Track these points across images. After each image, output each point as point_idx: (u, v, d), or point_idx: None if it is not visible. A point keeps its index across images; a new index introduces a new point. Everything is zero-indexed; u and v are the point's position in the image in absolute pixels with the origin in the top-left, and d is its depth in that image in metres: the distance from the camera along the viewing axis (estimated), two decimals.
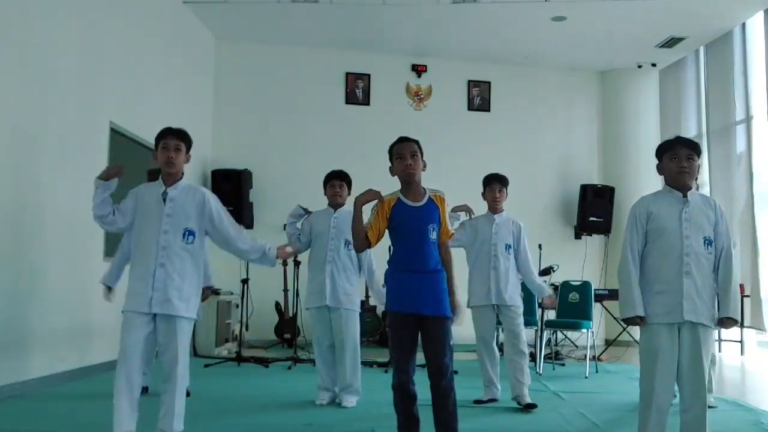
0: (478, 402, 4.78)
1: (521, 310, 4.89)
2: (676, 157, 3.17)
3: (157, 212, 3.36)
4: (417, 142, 3.33)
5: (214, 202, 3.49)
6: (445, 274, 3.29)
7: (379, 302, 5.12)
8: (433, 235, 3.26)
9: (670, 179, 3.22)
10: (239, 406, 4.54)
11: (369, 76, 9.65)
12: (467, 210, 4.83)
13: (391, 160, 3.35)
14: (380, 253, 4.32)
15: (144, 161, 5.88)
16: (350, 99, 9.63)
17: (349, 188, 4.88)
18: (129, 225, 3.45)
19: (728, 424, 4.21)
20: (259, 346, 8.25)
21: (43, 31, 5.19)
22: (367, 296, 8.72)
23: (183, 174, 3.47)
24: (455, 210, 4.72)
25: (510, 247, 4.84)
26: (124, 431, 3.23)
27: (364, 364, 6.68)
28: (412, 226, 3.25)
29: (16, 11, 4.89)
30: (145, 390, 4.16)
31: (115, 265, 4.64)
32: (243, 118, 9.35)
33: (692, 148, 3.19)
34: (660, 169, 3.27)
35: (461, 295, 3.41)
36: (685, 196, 3.17)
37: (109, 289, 4.64)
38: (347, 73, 9.64)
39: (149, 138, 6.91)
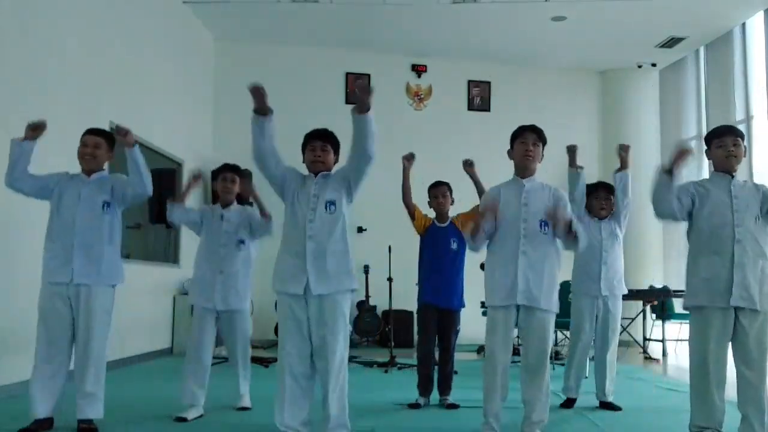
0: None
1: (554, 316, 3.51)
2: (723, 144, 3.34)
3: (75, 196, 3.68)
4: (448, 185, 4.76)
5: (115, 176, 3.85)
6: (461, 275, 4.69)
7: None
8: (454, 246, 4.60)
9: (718, 164, 3.40)
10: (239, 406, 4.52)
11: (369, 76, 9.65)
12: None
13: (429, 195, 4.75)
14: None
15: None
16: (350, 99, 9.61)
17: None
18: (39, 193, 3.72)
19: (728, 424, 4.20)
20: (259, 346, 8.24)
21: (42, 31, 5.19)
22: (367, 296, 8.73)
23: (104, 168, 3.84)
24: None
25: (546, 224, 3.46)
26: None
27: (364, 363, 6.72)
28: (438, 241, 4.63)
29: (15, 11, 4.89)
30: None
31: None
32: (243, 118, 9.07)
33: (737, 134, 3.39)
34: (708, 155, 3.46)
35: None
36: (732, 177, 3.34)
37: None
38: (347, 73, 9.64)
39: (150, 138, 6.96)
